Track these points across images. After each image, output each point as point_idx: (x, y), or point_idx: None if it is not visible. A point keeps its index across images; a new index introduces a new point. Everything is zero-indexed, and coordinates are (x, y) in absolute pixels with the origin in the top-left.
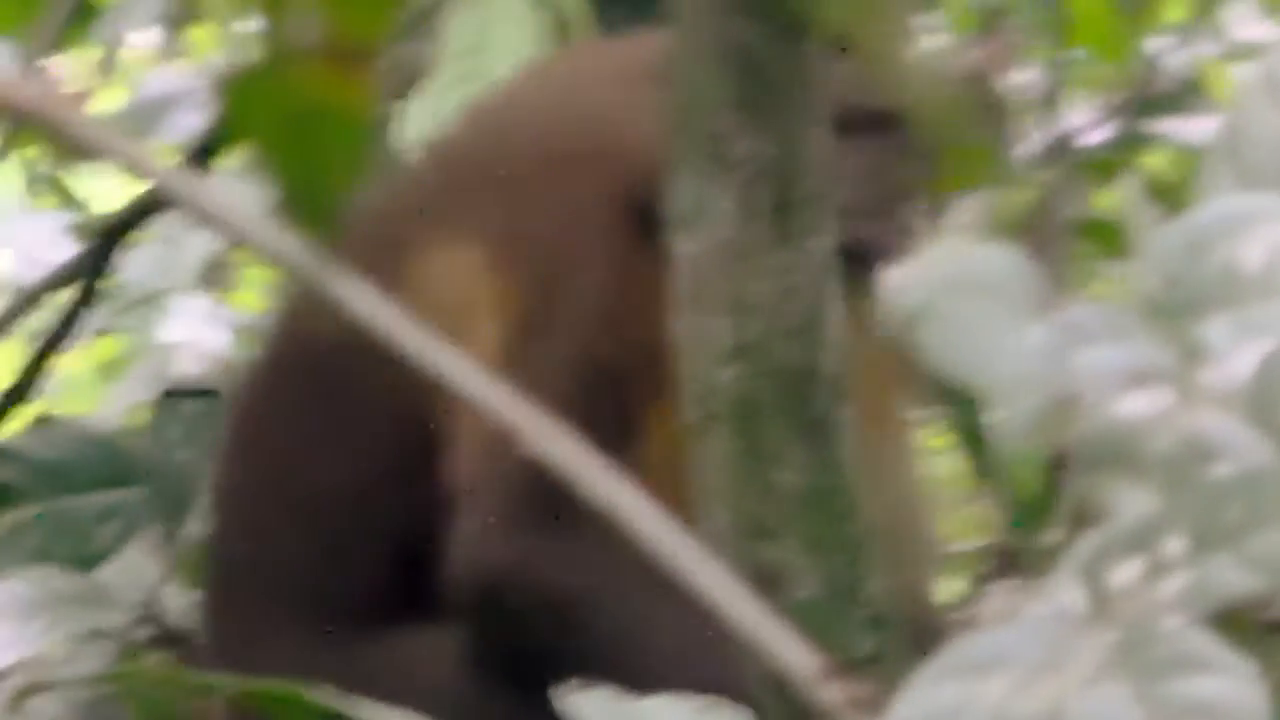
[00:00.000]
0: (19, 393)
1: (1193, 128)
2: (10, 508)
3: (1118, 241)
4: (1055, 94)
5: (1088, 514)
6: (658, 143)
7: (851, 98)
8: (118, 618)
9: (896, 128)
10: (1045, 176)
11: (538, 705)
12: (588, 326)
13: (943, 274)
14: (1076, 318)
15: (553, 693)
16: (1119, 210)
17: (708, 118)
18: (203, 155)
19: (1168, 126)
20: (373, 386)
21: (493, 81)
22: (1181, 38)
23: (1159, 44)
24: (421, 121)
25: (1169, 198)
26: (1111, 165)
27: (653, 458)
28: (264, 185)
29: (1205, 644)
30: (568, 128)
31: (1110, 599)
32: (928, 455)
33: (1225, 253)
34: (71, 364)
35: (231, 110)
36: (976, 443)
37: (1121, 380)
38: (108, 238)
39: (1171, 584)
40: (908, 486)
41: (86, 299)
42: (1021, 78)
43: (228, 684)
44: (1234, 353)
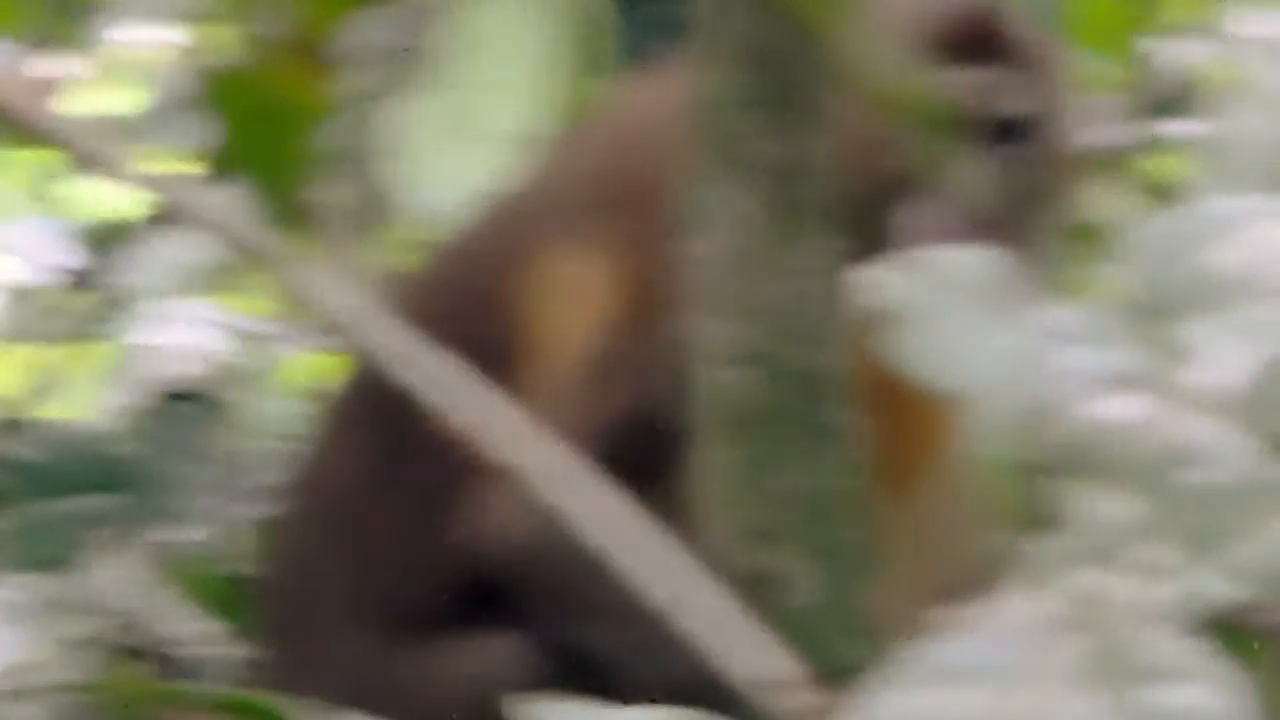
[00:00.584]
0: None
1: (1193, 128)
2: None
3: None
4: None
5: (1065, 519)
6: None
7: (988, 106)
8: (104, 624)
9: (1033, 137)
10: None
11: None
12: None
13: (922, 276)
14: (1056, 320)
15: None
16: (1112, 212)
17: (725, 118)
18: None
19: (1168, 127)
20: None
21: (492, 82)
22: (1181, 38)
23: (1159, 44)
24: (428, 121)
25: (1169, 199)
26: (1110, 166)
27: None
28: (240, 182)
29: (1183, 652)
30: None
31: (1087, 606)
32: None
33: (1207, 255)
34: (67, 366)
35: (213, 106)
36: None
37: (1100, 384)
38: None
39: (1152, 592)
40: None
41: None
42: None
43: (201, 694)
44: (1215, 356)
